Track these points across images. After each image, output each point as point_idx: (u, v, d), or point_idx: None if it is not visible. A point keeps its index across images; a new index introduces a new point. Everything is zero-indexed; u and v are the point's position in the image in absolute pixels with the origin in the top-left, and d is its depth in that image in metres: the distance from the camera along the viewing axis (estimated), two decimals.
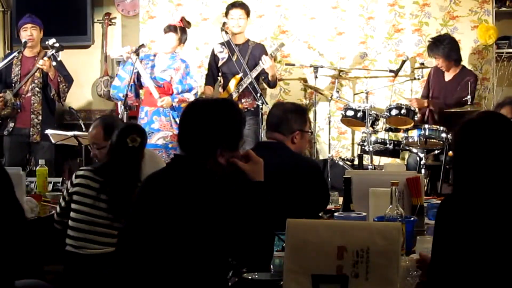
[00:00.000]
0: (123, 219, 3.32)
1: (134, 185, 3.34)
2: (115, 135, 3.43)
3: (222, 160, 2.33)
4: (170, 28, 5.72)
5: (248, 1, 6.11)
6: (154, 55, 5.80)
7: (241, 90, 5.86)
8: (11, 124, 5.81)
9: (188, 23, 5.89)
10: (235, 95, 5.87)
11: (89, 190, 3.40)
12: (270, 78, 5.88)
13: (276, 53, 6.01)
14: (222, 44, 6.02)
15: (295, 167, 3.33)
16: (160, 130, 5.66)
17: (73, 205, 3.42)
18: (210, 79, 6.15)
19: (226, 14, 5.97)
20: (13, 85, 5.81)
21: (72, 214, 3.43)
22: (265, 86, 6.21)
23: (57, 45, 5.66)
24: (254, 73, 5.80)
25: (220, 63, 6.03)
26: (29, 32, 5.83)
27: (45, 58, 5.64)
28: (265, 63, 5.76)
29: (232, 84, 5.90)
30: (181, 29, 5.74)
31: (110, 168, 3.41)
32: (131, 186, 3.34)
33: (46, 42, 5.74)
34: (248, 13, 5.96)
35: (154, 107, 5.67)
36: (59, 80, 5.76)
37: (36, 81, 5.79)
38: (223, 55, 6.02)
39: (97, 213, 3.37)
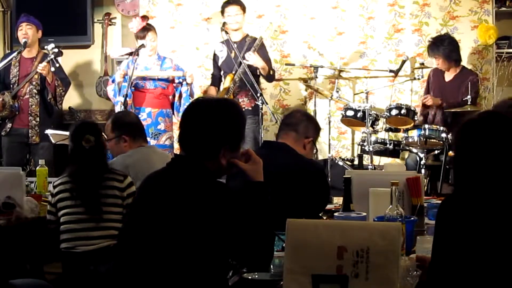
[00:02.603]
0: (101, 214, 3.39)
1: (103, 179, 3.45)
2: (69, 139, 3.54)
3: (223, 160, 2.33)
4: (144, 31, 5.73)
5: (248, 1, 6.11)
6: (136, 58, 5.77)
7: (236, 85, 5.84)
8: (9, 125, 5.80)
9: (146, 17, 5.96)
10: (230, 92, 5.85)
11: (67, 193, 3.49)
12: (262, 72, 5.86)
13: (256, 48, 5.92)
14: (222, 43, 6.02)
15: (300, 168, 3.34)
16: (166, 131, 5.74)
17: (60, 212, 3.48)
18: (215, 79, 6.15)
19: (222, 12, 5.96)
20: (11, 86, 5.80)
21: (61, 219, 3.49)
22: (266, 83, 6.20)
23: (56, 50, 5.63)
24: (243, 69, 5.77)
25: (220, 62, 6.03)
26: (24, 31, 5.81)
27: (45, 63, 5.62)
28: (249, 58, 5.74)
29: (227, 82, 5.90)
30: (149, 24, 5.82)
31: (76, 171, 3.51)
32: (99, 182, 3.47)
33: (45, 47, 5.72)
34: (244, 8, 5.94)
35: (158, 108, 5.71)
36: (57, 84, 5.74)
37: (34, 83, 5.78)
38: (222, 54, 6.02)
39: (81, 210, 3.43)
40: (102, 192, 3.46)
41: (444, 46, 5.72)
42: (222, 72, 6.05)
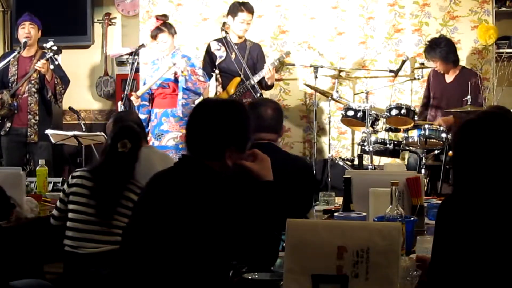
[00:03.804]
0: (110, 220, 3.37)
1: (123, 188, 3.39)
2: (109, 137, 3.50)
3: (229, 162, 2.32)
4: (157, 30, 5.69)
5: (248, 1, 6.11)
6: (158, 59, 5.80)
7: (242, 91, 5.85)
8: (8, 124, 5.80)
9: (164, 16, 5.87)
10: (235, 97, 5.84)
11: (84, 189, 3.45)
12: (269, 84, 5.88)
13: (278, 61, 5.94)
14: (218, 40, 5.99)
15: (290, 166, 3.34)
16: (170, 131, 5.65)
17: (70, 206, 3.47)
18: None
19: (233, 14, 5.88)
20: (10, 85, 5.79)
21: (69, 214, 3.47)
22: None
23: (55, 48, 5.63)
24: (255, 78, 5.78)
25: (218, 61, 6.00)
26: (26, 30, 5.81)
27: (43, 61, 5.61)
28: (267, 73, 5.75)
29: (232, 85, 5.88)
30: (164, 24, 5.72)
31: (101, 170, 3.46)
32: (119, 189, 3.39)
33: (44, 45, 5.71)
34: (253, 14, 5.94)
35: (163, 108, 5.68)
36: (56, 82, 5.73)
37: (33, 81, 5.77)
38: (220, 53, 5.99)
39: (92, 211, 3.40)
40: (117, 199, 3.42)
41: (441, 48, 5.71)
42: (218, 72, 6.02)
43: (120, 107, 5.55)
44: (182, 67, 5.53)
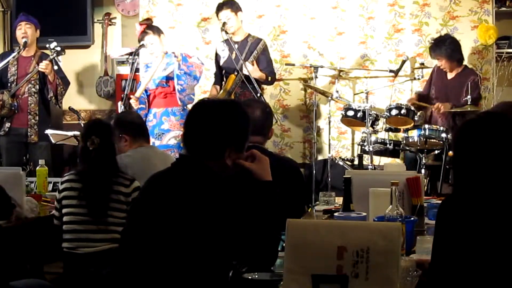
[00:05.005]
0: (104, 217, 3.38)
1: (110, 182, 3.42)
2: (80, 137, 3.54)
3: (228, 161, 2.32)
4: (142, 34, 5.66)
5: (248, 1, 6.10)
6: (151, 62, 5.79)
7: (237, 86, 5.81)
8: (8, 124, 5.80)
9: (147, 19, 5.87)
10: (232, 92, 5.83)
11: (73, 191, 3.49)
12: (257, 77, 5.82)
13: (259, 52, 5.83)
14: (223, 42, 6.00)
15: (278, 167, 3.33)
16: (171, 130, 5.65)
17: (64, 210, 3.49)
18: (217, 79, 6.11)
19: (218, 19, 5.87)
20: (9, 85, 5.80)
21: (64, 218, 3.49)
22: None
23: (58, 48, 5.63)
24: (244, 71, 5.72)
25: (221, 62, 6.01)
26: (23, 30, 5.81)
27: (47, 62, 5.62)
28: (246, 68, 5.67)
29: (229, 82, 5.87)
30: (149, 27, 5.71)
31: (84, 171, 3.51)
32: (107, 184, 3.43)
33: (47, 46, 5.71)
34: (236, 10, 5.83)
35: (162, 108, 5.68)
36: (58, 83, 5.74)
37: (33, 81, 5.77)
38: (224, 53, 6.00)
39: (85, 211, 3.43)
40: (107, 196, 3.45)
41: (446, 46, 5.71)
42: (223, 72, 6.03)
43: (120, 107, 5.55)
44: (175, 52, 5.54)
